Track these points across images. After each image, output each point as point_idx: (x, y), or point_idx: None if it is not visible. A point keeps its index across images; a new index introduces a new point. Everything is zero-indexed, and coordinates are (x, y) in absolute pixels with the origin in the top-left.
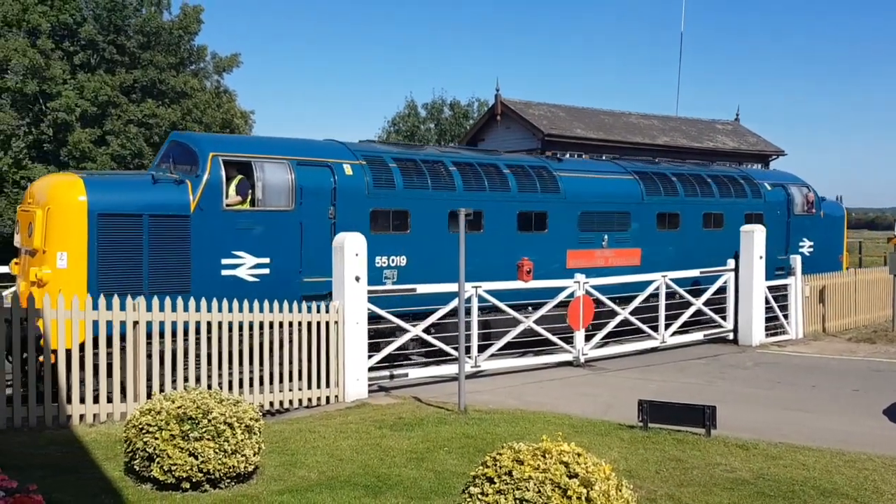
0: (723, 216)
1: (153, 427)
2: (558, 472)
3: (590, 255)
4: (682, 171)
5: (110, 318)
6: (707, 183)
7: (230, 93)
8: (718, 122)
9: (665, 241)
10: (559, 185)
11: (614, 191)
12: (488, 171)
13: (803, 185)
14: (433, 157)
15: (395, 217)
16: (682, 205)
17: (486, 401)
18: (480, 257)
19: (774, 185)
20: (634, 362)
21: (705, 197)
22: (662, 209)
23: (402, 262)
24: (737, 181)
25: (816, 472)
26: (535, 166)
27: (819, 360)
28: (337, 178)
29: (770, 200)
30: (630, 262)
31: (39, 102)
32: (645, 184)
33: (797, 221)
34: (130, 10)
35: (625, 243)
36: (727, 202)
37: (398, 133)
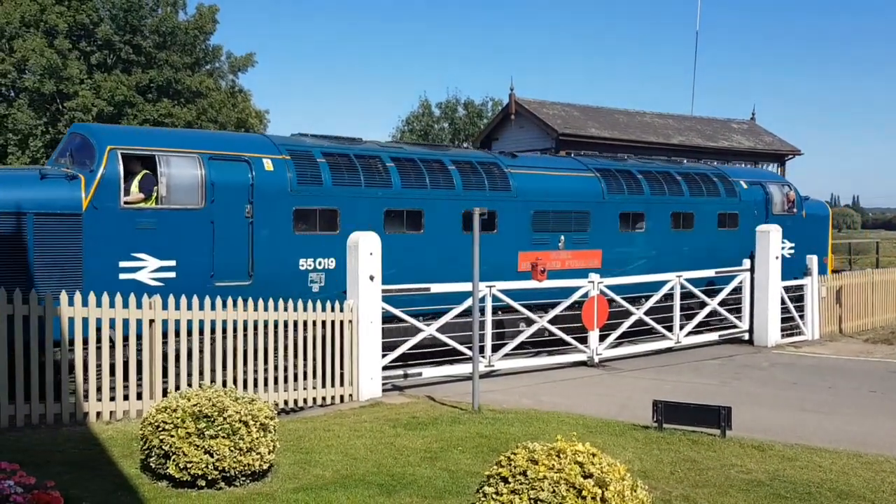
0: (693, 216)
1: (169, 425)
2: (573, 473)
3: (544, 256)
4: (649, 169)
5: (127, 316)
6: (676, 181)
7: (245, 92)
8: (734, 121)
9: (628, 242)
10: (510, 182)
11: (572, 189)
12: (431, 167)
13: (783, 183)
14: (369, 152)
15: (323, 216)
16: (647, 204)
17: (500, 400)
18: (420, 259)
19: (751, 183)
20: (649, 362)
21: (674, 196)
22: (626, 208)
23: (330, 265)
24: (709, 179)
25: (833, 473)
26: (485, 162)
27: (836, 361)
28: (255, 173)
29: (746, 199)
30: (589, 265)
31: (57, 102)
32: (606, 181)
33: (776, 221)
34: (146, 11)
35: (584, 244)
36: (698, 201)
37: (412, 132)
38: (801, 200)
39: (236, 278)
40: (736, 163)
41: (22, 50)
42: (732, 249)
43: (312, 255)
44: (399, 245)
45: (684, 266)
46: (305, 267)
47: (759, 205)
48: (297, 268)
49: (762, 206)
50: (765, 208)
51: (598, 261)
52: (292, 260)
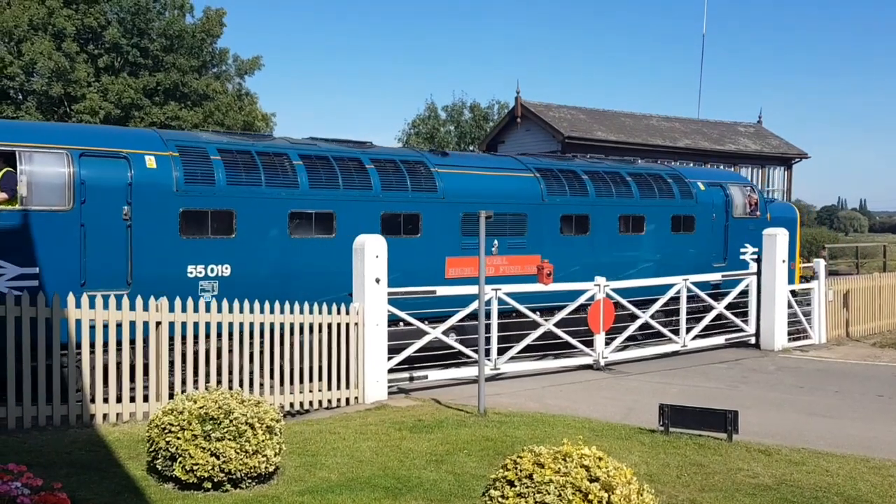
0: (643, 219)
1: (175, 427)
2: (579, 476)
3: (475, 262)
4: (596, 169)
5: (133, 318)
6: (625, 182)
7: (252, 95)
8: (740, 124)
9: (571, 246)
10: (437, 182)
11: (508, 190)
12: (346, 165)
13: (745, 184)
14: (274, 149)
15: (216, 219)
16: (592, 206)
17: (505, 403)
18: (331, 265)
19: (710, 184)
20: (655, 366)
21: (622, 197)
22: (568, 211)
23: (224, 272)
24: (662, 180)
25: (840, 478)
26: (410, 161)
27: (843, 365)
28: (135, 171)
29: (703, 201)
30: (527, 271)
31: (64, 105)
32: (546, 182)
33: (738, 225)
34: (154, 14)
35: (520, 249)
36: (649, 203)
37: (418, 135)
38: (766, 203)
39: (112, 286)
40: (742, 166)
41: (30, 53)
42: (688, 254)
43: (203, 262)
44: (306, 250)
45: (633, 272)
46: (195, 274)
47: (719, 207)
48: (184, 275)
49: (721, 209)
50: (724, 211)
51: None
52: (179, 266)
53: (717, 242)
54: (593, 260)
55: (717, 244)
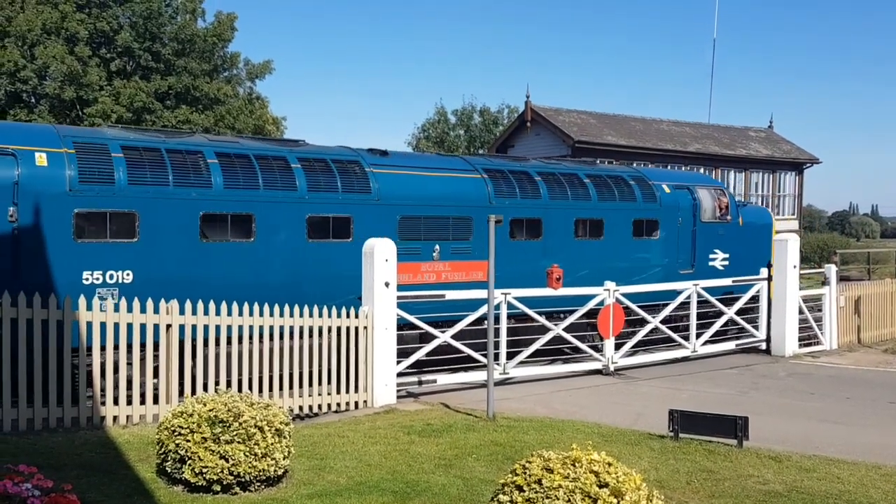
0: (602, 223)
1: (185, 429)
2: (588, 482)
3: (413, 268)
4: (552, 170)
5: (144, 320)
6: (582, 184)
7: (262, 99)
8: (751, 129)
9: (521, 252)
10: (372, 183)
11: (451, 192)
12: (267, 164)
13: (715, 186)
14: (188, 147)
15: (115, 221)
16: (545, 209)
17: (514, 408)
18: (249, 272)
19: (676, 186)
20: (665, 371)
21: (578, 200)
22: (518, 214)
23: (126, 279)
24: (623, 182)
25: (851, 485)
26: (343, 160)
27: (854, 371)
28: (22, 169)
29: (668, 204)
30: (472, 278)
31: (76, 108)
32: (495, 183)
33: (706, 229)
34: (166, 18)
35: (465, 255)
36: (609, 206)
37: (427, 139)
38: (737, 207)
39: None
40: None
41: (43, 57)
42: (651, 260)
43: (101, 268)
44: (220, 255)
45: (590, 279)
46: (91, 281)
47: (685, 211)
48: (79, 281)
49: (688, 213)
50: (692, 215)
51: (484, 273)
52: (72, 272)
53: (683, 248)
54: (547, 266)
55: (683, 250)
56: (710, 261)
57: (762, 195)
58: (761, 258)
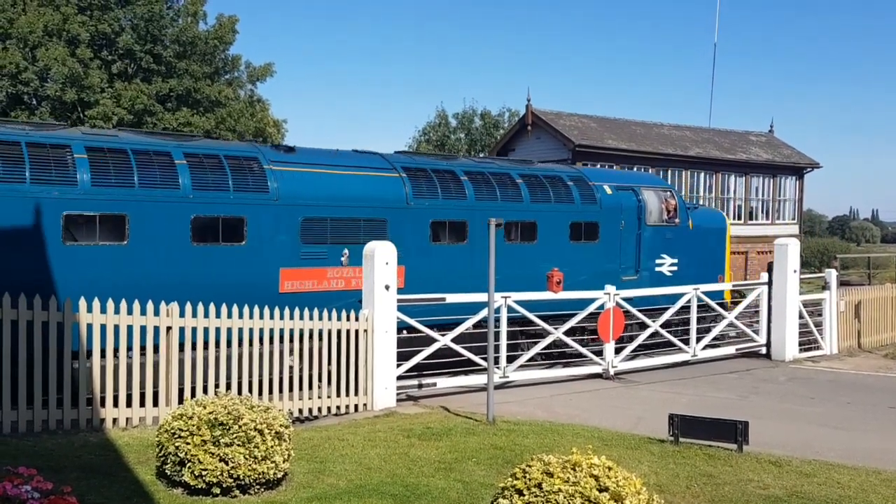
0: (535, 226)
1: (185, 432)
2: (588, 486)
3: (319, 274)
4: (480, 169)
5: (144, 322)
6: (514, 184)
7: (263, 102)
8: (752, 133)
9: (444, 256)
10: (270, 182)
11: (363, 191)
12: (147, 161)
13: (662, 188)
14: (52, 140)
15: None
16: (471, 211)
17: (514, 412)
18: (122, 278)
19: (620, 188)
20: (665, 375)
21: (509, 201)
22: (440, 216)
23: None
24: (560, 182)
25: (852, 490)
26: (238, 156)
27: (854, 376)
28: None
29: (610, 206)
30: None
31: (78, 110)
32: (414, 183)
33: (653, 233)
34: (167, 21)
35: None
36: (543, 208)
37: (428, 142)
38: (687, 209)
39: None
40: (754, 176)
41: (44, 59)
42: (591, 265)
43: None
44: (87, 259)
45: (522, 285)
46: None
47: (629, 213)
48: None
49: (633, 215)
50: (636, 217)
51: (401, 279)
52: None
53: (627, 252)
54: (472, 272)
55: (627, 254)
56: (657, 266)
57: (762, 199)
58: (714, 264)
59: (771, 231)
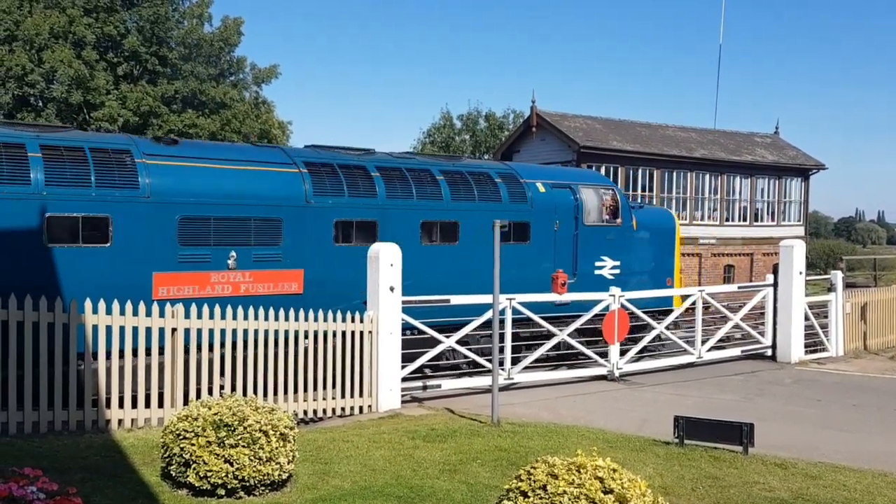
0: (457, 226)
1: (190, 433)
2: (593, 488)
3: (200, 279)
4: (394, 165)
5: (149, 324)
6: (433, 181)
7: (268, 103)
8: (757, 135)
9: (349, 259)
10: (141, 177)
11: (255, 188)
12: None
13: (603, 185)
14: None
15: None
16: (382, 210)
17: (519, 413)
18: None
19: (554, 185)
20: (670, 377)
21: (426, 199)
22: (345, 215)
23: None
24: (487, 179)
25: (858, 493)
26: (106, 149)
27: (861, 378)
28: None
29: (542, 205)
30: (282, 290)
31: (83, 112)
32: (316, 179)
33: (591, 233)
34: (173, 23)
35: (273, 263)
36: (465, 207)
37: (433, 144)
38: (631, 208)
39: None
40: (759, 177)
41: (51, 61)
42: (521, 267)
43: None
44: None
45: (441, 289)
46: None
47: (565, 212)
48: None
49: (568, 214)
50: (573, 217)
51: (299, 284)
52: None
53: (562, 254)
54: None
55: (562, 256)
56: (597, 269)
57: (768, 201)
58: (662, 267)
59: (776, 232)
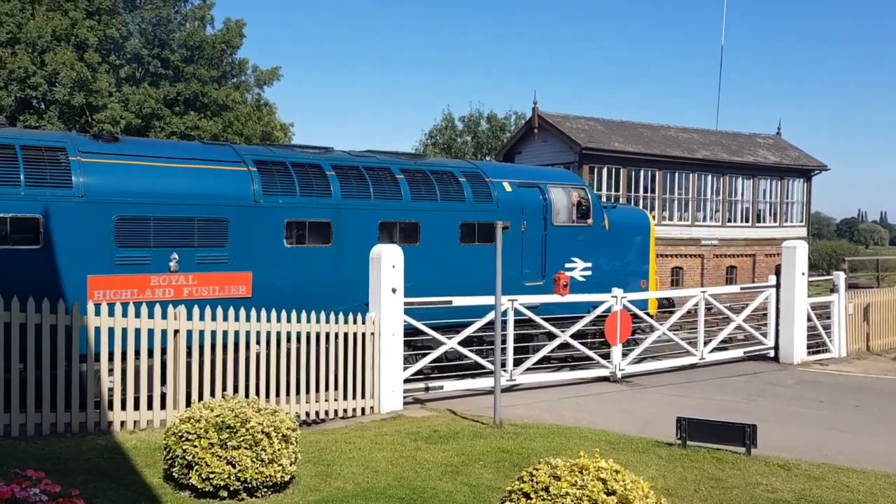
0: (418, 226)
1: (192, 435)
2: (596, 489)
3: (139, 282)
4: (352, 164)
5: (152, 326)
6: (392, 180)
7: (270, 105)
8: (759, 135)
9: (302, 261)
10: (76, 176)
11: (199, 187)
12: None
13: (573, 185)
14: None
15: None
16: (336, 210)
17: (521, 415)
18: None
19: (522, 184)
20: (672, 379)
21: (385, 199)
22: (297, 215)
23: None
24: (450, 178)
25: (861, 494)
26: (39, 146)
27: (863, 379)
28: None
29: (509, 205)
30: (229, 293)
31: (86, 114)
32: (266, 178)
33: (561, 234)
34: (175, 25)
35: (220, 265)
36: (427, 207)
37: (435, 145)
38: (603, 208)
39: None
40: (761, 178)
41: (53, 63)
42: (487, 270)
43: None
44: None
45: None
46: None
47: (533, 212)
48: None
49: (537, 215)
50: (542, 217)
51: (247, 287)
52: None
53: (530, 256)
54: (338, 278)
55: (530, 258)
56: (568, 271)
57: (770, 202)
58: (636, 268)
59: (778, 234)
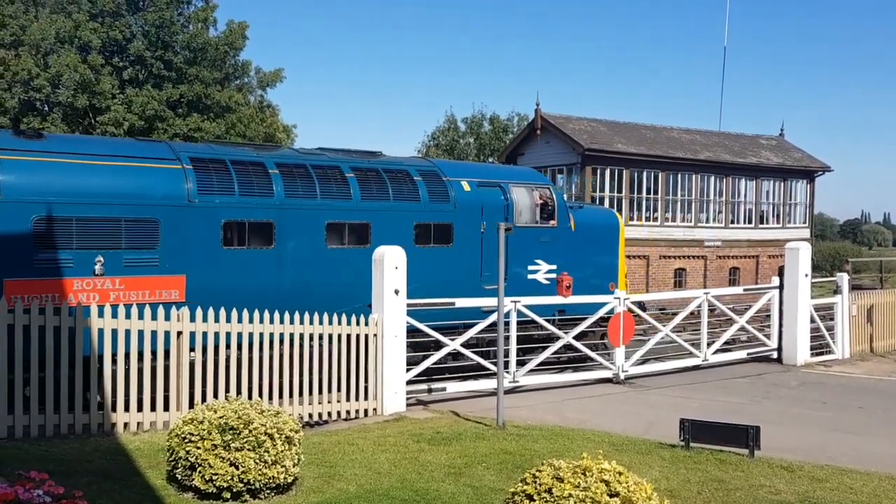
0: (368, 227)
1: (195, 436)
2: (599, 491)
3: (62, 286)
4: (298, 162)
5: (155, 327)
6: (341, 179)
7: (273, 107)
8: (762, 137)
9: (241, 264)
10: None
11: (126, 186)
12: None
13: (536, 184)
14: None
15: None
16: (279, 210)
17: (524, 416)
18: None
19: (482, 184)
20: (675, 380)
21: (332, 199)
22: (236, 216)
23: None
24: (404, 177)
25: (864, 496)
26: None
27: (867, 380)
28: None
29: (467, 205)
30: (160, 298)
31: (89, 116)
32: (202, 176)
33: (523, 236)
34: (178, 27)
35: (149, 268)
36: (378, 207)
37: (437, 147)
38: (569, 208)
39: None
40: (764, 179)
41: (56, 65)
42: (443, 272)
43: None
44: None
45: (349, 297)
46: None
47: (493, 212)
48: None
49: (498, 215)
50: (503, 217)
51: (181, 291)
52: None
53: (490, 257)
54: (280, 282)
55: (490, 259)
56: (531, 273)
57: (773, 203)
58: (604, 270)
59: (782, 235)
